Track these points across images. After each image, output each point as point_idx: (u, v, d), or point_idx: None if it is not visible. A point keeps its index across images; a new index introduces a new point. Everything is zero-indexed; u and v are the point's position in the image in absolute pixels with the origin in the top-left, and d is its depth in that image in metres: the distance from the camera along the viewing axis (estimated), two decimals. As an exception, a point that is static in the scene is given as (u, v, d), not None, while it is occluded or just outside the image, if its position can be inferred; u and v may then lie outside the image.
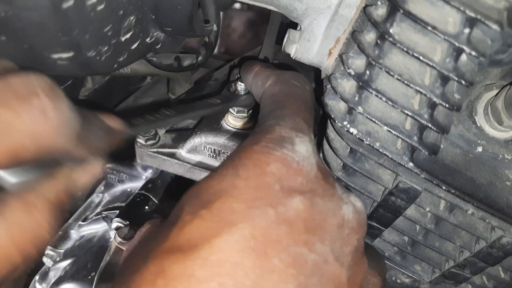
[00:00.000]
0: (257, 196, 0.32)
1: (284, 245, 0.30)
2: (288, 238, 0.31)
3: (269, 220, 0.31)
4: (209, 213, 0.31)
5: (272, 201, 0.32)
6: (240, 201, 0.31)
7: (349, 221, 0.35)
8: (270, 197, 0.32)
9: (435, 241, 0.55)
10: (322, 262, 0.31)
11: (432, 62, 0.41)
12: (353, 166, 0.51)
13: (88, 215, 0.85)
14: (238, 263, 0.29)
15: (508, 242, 0.49)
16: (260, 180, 0.33)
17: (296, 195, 0.33)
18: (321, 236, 0.32)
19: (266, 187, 0.32)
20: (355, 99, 0.46)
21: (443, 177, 0.47)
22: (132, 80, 1.10)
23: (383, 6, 0.44)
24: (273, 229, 0.31)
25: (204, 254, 0.29)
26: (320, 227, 0.33)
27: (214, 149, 0.66)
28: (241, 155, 0.35)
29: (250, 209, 0.31)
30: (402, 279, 0.62)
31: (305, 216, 0.32)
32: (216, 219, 0.30)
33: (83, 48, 0.40)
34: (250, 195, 0.32)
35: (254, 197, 0.32)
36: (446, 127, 0.45)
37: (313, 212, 0.33)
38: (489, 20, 0.39)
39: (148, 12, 0.46)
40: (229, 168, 0.34)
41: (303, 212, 0.32)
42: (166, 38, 0.52)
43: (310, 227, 0.32)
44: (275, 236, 0.30)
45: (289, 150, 0.35)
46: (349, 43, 0.49)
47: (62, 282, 0.72)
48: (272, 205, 0.32)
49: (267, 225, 0.31)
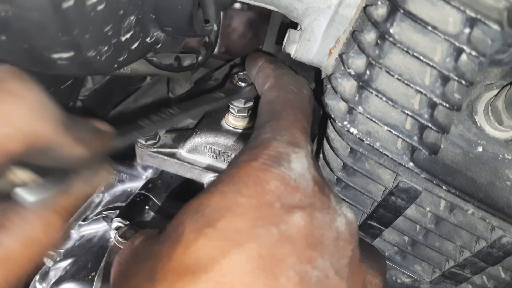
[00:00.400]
0: (260, 215, 0.32)
1: (290, 264, 0.31)
2: (293, 256, 0.31)
3: (274, 239, 0.31)
4: (215, 232, 0.31)
5: (275, 220, 0.32)
6: (245, 220, 0.31)
7: (342, 232, 0.35)
8: (272, 215, 0.32)
9: (435, 241, 0.55)
10: (324, 278, 0.32)
11: (432, 62, 0.41)
12: (353, 166, 0.51)
13: (89, 215, 0.85)
14: (249, 285, 0.29)
15: (508, 242, 0.49)
16: (261, 199, 0.33)
17: (296, 212, 0.33)
18: (321, 251, 0.33)
19: (267, 206, 0.33)
20: (355, 99, 0.46)
21: (443, 177, 0.47)
22: (132, 80, 1.10)
23: (383, 6, 0.44)
24: (278, 248, 0.31)
25: (216, 276, 0.29)
26: (320, 242, 0.33)
27: (215, 149, 0.66)
28: (240, 172, 0.35)
29: (255, 228, 0.31)
30: (403, 279, 0.62)
31: (306, 232, 0.32)
32: (223, 238, 0.30)
33: (83, 48, 0.40)
34: (254, 213, 0.32)
35: (257, 216, 0.32)
36: (446, 127, 0.45)
37: (313, 227, 0.33)
38: (489, 20, 0.39)
39: (148, 12, 0.46)
40: (230, 185, 0.34)
41: (304, 228, 0.32)
42: (166, 38, 0.52)
43: (311, 243, 0.32)
44: (280, 255, 0.31)
45: (286, 168, 0.35)
46: (349, 43, 0.49)
47: (62, 282, 0.72)
48: (275, 224, 0.32)
49: (272, 244, 0.31)
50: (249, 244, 0.30)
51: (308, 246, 0.32)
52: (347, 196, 0.56)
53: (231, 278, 0.29)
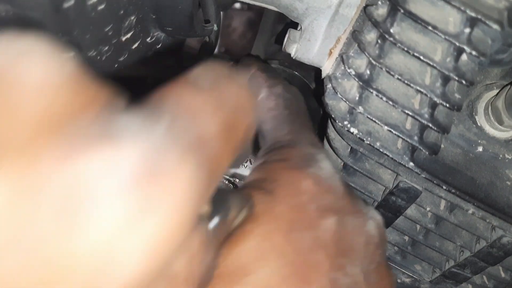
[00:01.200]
0: (295, 218, 0.31)
1: (323, 271, 0.30)
2: (326, 263, 0.31)
3: (308, 245, 0.31)
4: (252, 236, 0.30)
5: (310, 223, 0.32)
6: (280, 222, 0.31)
7: (373, 236, 0.35)
8: (307, 218, 0.32)
9: (435, 240, 0.55)
10: (354, 284, 0.32)
11: (433, 62, 0.41)
12: (354, 166, 0.51)
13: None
14: None
15: (508, 241, 0.49)
16: (296, 200, 0.32)
17: (329, 216, 0.32)
18: (352, 258, 0.32)
19: (302, 207, 0.32)
20: (356, 99, 0.46)
21: (444, 176, 0.47)
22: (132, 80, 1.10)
23: (383, 6, 0.44)
24: (312, 254, 0.31)
25: (251, 282, 0.29)
26: (350, 248, 0.32)
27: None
28: (271, 174, 0.34)
29: (290, 233, 0.31)
30: (403, 279, 0.62)
31: (338, 237, 0.32)
32: (261, 241, 0.30)
33: (84, 47, 0.40)
34: (289, 217, 0.31)
35: (292, 219, 0.31)
36: (447, 127, 0.45)
37: (345, 232, 0.32)
38: (489, 20, 0.39)
39: (149, 12, 0.46)
40: (262, 188, 0.33)
41: (336, 233, 0.32)
42: (167, 38, 0.52)
43: (342, 249, 0.32)
44: (314, 261, 0.30)
45: (316, 168, 0.34)
46: (350, 43, 0.49)
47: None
48: (310, 228, 0.31)
49: (307, 250, 0.31)
50: (286, 247, 0.30)
51: (339, 252, 0.32)
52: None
53: (266, 284, 0.29)
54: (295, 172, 0.34)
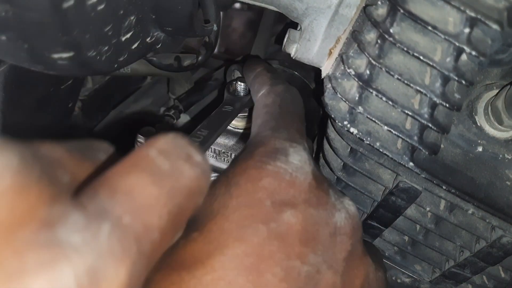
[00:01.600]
0: (248, 214, 0.32)
1: (277, 260, 0.31)
2: (281, 253, 0.31)
3: (261, 237, 0.31)
4: (200, 235, 0.31)
5: (264, 218, 0.32)
6: (231, 220, 0.32)
7: (341, 227, 0.35)
8: (262, 213, 0.32)
9: (435, 240, 0.55)
10: (315, 273, 0.32)
11: (433, 62, 0.41)
12: (354, 166, 0.51)
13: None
14: (232, 281, 0.29)
15: (508, 241, 0.49)
16: (251, 197, 0.33)
17: (287, 209, 0.33)
18: (314, 247, 0.33)
19: (257, 204, 0.33)
20: (356, 99, 0.46)
21: (443, 176, 0.47)
22: (132, 80, 1.10)
23: (383, 5, 0.44)
24: (266, 245, 0.31)
25: (198, 274, 0.29)
26: (313, 238, 0.33)
27: (215, 149, 0.66)
28: (235, 171, 0.35)
29: (241, 228, 0.31)
30: (402, 279, 0.62)
31: (297, 229, 0.32)
32: (208, 241, 0.31)
33: (84, 48, 0.40)
34: (241, 213, 0.32)
35: (245, 215, 0.32)
36: (447, 127, 0.45)
37: (306, 224, 0.33)
38: (489, 20, 0.39)
39: (149, 12, 0.46)
40: (222, 187, 0.34)
41: (295, 225, 0.32)
42: (167, 38, 0.52)
43: (303, 240, 0.32)
44: (267, 252, 0.31)
45: (283, 162, 0.35)
46: (350, 43, 0.49)
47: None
48: (264, 222, 0.32)
49: (259, 242, 0.31)
50: (234, 243, 0.31)
51: (300, 242, 0.32)
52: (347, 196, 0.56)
53: (213, 275, 0.29)
54: (255, 170, 0.34)
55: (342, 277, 0.34)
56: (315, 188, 0.35)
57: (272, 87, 0.48)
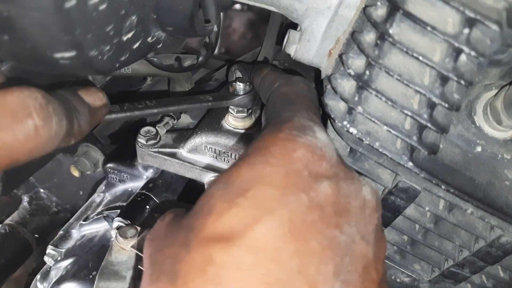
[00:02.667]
0: (289, 183, 0.33)
1: (319, 229, 0.32)
2: (322, 222, 0.32)
3: (303, 206, 0.32)
4: (246, 201, 0.32)
5: (304, 187, 0.33)
6: (275, 188, 0.32)
7: (369, 201, 0.37)
8: (301, 183, 0.33)
9: (434, 240, 0.56)
10: (351, 242, 0.33)
11: (432, 62, 0.42)
12: (353, 166, 0.51)
13: (89, 214, 0.85)
14: (281, 249, 0.30)
15: (507, 241, 0.49)
16: (289, 167, 0.34)
17: (323, 180, 0.34)
18: (348, 218, 0.34)
19: (296, 174, 0.34)
20: (355, 99, 0.46)
21: (443, 176, 0.47)
22: (133, 80, 1.10)
23: (382, 6, 0.44)
24: (308, 214, 0.32)
25: (249, 241, 0.30)
26: (346, 210, 0.34)
27: (215, 149, 0.66)
28: (266, 143, 0.36)
29: (285, 196, 0.32)
30: (402, 278, 0.63)
31: (333, 199, 0.34)
32: (255, 207, 0.32)
33: (85, 47, 0.41)
34: (283, 181, 0.33)
35: (286, 184, 0.33)
36: (446, 127, 0.45)
37: (339, 195, 0.34)
38: (488, 20, 0.39)
39: (150, 12, 0.46)
40: (257, 156, 0.35)
41: (331, 196, 0.34)
42: (167, 38, 0.52)
43: (338, 210, 0.34)
44: (310, 221, 0.32)
45: (312, 137, 0.36)
46: (349, 43, 0.49)
47: (63, 281, 0.72)
48: (304, 191, 0.33)
49: (302, 210, 0.32)
50: (280, 211, 0.31)
51: (335, 212, 0.33)
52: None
53: (263, 242, 0.30)
54: (288, 142, 0.35)
55: (373, 248, 0.35)
56: (341, 164, 0.37)
57: (287, 79, 0.49)
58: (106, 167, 0.86)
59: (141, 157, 0.70)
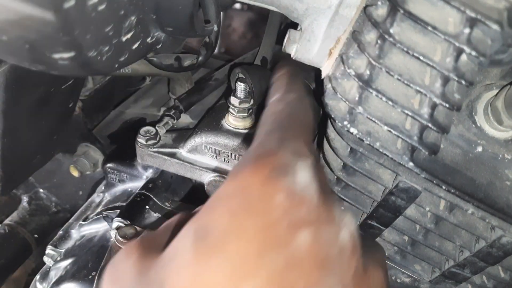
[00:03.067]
0: (268, 236, 0.32)
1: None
2: (302, 279, 0.31)
3: (282, 264, 0.31)
4: (223, 262, 0.31)
5: (283, 241, 0.32)
6: (254, 244, 0.31)
7: (346, 245, 0.35)
8: (280, 236, 0.32)
9: (435, 240, 0.56)
10: None
11: (432, 62, 0.41)
12: (353, 166, 0.51)
13: (89, 214, 0.85)
14: None
15: (508, 241, 0.49)
16: (269, 217, 0.32)
17: (303, 229, 0.33)
18: (329, 269, 0.33)
19: (275, 225, 0.32)
20: (355, 99, 0.46)
21: (443, 176, 0.47)
22: (132, 80, 1.10)
23: (383, 6, 0.44)
24: (288, 273, 0.31)
25: None
26: (326, 259, 0.33)
27: (215, 149, 0.66)
28: (245, 184, 0.34)
29: (264, 253, 0.31)
30: (402, 279, 0.62)
31: (312, 251, 0.32)
32: (232, 269, 0.30)
33: (84, 48, 0.41)
34: (262, 236, 0.32)
35: (265, 238, 0.32)
36: (446, 127, 0.45)
37: (319, 244, 0.33)
38: (489, 20, 0.39)
39: (149, 12, 0.46)
40: (235, 199, 0.34)
41: (310, 246, 0.32)
42: (167, 38, 0.52)
43: (318, 261, 0.32)
44: (289, 281, 0.31)
45: (291, 179, 0.35)
46: (350, 43, 0.49)
47: (63, 281, 0.72)
48: (284, 245, 0.32)
49: (281, 269, 0.31)
50: (260, 271, 0.30)
51: (316, 265, 0.32)
52: (347, 196, 0.56)
53: None
54: (268, 186, 0.34)
55: None
56: (322, 206, 0.35)
57: (284, 95, 0.48)
58: (106, 167, 0.86)
59: (141, 157, 0.70)
